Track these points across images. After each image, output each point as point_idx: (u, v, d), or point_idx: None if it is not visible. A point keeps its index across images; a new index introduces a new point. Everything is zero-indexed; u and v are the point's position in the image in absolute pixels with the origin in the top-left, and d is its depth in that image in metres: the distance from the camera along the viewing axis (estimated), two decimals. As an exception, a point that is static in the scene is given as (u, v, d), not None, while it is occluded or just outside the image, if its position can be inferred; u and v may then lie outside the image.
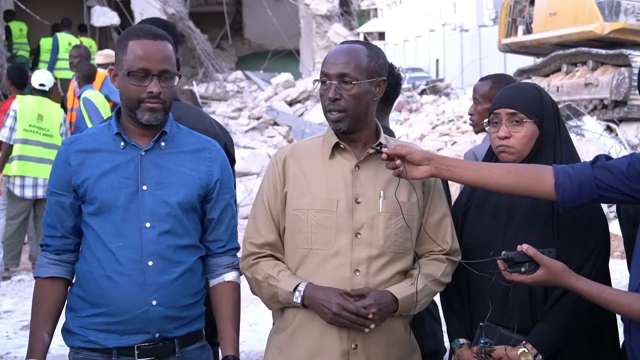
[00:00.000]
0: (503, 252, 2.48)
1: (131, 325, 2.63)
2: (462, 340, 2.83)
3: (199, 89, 17.79)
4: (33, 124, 7.98)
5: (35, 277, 2.73)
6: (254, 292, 2.81)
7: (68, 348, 2.75)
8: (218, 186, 2.78)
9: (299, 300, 2.64)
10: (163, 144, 2.72)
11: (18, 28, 16.90)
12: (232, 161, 3.29)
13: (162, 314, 2.65)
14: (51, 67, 12.95)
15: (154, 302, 2.63)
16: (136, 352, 2.65)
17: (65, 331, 2.72)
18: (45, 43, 14.75)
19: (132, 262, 2.62)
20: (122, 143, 2.68)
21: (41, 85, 8.17)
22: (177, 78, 2.69)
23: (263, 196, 2.77)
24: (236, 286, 2.83)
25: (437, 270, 2.75)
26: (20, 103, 8.00)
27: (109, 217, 2.64)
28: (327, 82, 2.67)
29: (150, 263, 2.63)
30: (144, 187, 2.65)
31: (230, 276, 2.81)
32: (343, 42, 2.79)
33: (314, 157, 2.76)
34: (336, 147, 2.73)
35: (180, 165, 2.72)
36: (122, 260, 2.62)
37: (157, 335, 2.66)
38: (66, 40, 13.36)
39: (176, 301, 2.69)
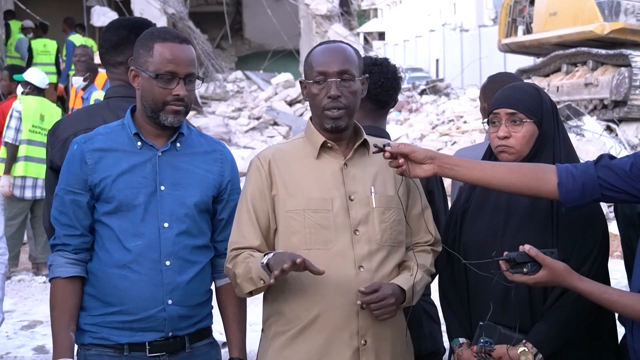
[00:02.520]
0: (505, 253, 2.48)
1: (145, 324, 2.65)
2: (461, 340, 2.84)
3: (198, 89, 17.77)
4: (36, 125, 7.99)
5: (53, 278, 2.69)
6: (232, 282, 2.73)
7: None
8: (229, 187, 2.82)
9: (265, 262, 2.55)
10: (178, 144, 2.73)
11: (18, 27, 16.89)
12: None
13: (176, 313, 2.67)
14: (68, 71, 12.93)
15: (170, 302, 2.65)
16: (147, 347, 2.67)
17: None
18: (37, 45, 14.70)
19: (150, 262, 2.64)
20: (139, 143, 2.69)
21: (46, 84, 8.26)
22: (199, 82, 2.71)
23: (247, 200, 2.73)
24: None
25: (427, 261, 2.80)
26: (23, 104, 8.01)
27: (127, 216, 2.65)
28: (327, 80, 2.67)
29: (167, 263, 2.65)
30: (162, 188, 2.67)
31: None
32: (323, 42, 2.78)
33: (299, 158, 2.75)
34: (323, 146, 2.74)
35: (195, 166, 2.75)
36: (140, 259, 2.63)
37: (169, 333, 2.68)
38: (79, 42, 13.34)
39: (190, 300, 2.71)
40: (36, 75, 8.27)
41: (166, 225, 2.66)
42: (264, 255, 2.60)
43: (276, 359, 2.73)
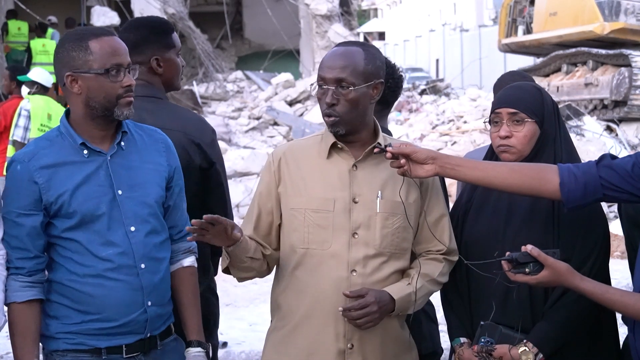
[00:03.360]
0: (507, 253, 2.48)
1: (126, 328, 2.62)
2: (462, 339, 2.84)
3: (199, 89, 17.80)
4: (44, 124, 7.99)
5: (10, 303, 2.60)
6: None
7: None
8: (175, 174, 2.78)
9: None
10: (123, 144, 2.68)
11: (17, 27, 16.86)
12: (210, 164, 3.21)
13: (155, 313, 2.66)
14: None
15: (149, 303, 2.64)
16: (124, 349, 2.64)
17: (43, 337, 2.65)
18: (36, 45, 14.66)
19: (126, 268, 2.60)
20: (86, 151, 2.61)
21: (51, 83, 8.26)
22: (137, 71, 2.67)
23: (256, 195, 2.81)
24: (194, 270, 2.83)
25: (435, 270, 2.75)
26: (32, 103, 8.00)
27: (93, 228, 2.59)
28: (324, 86, 2.66)
29: (142, 266, 2.62)
30: (119, 192, 2.62)
31: (188, 261, 2.82)
32: (340, 44, 2.77)
33: (311, 157, 2.76)
34: (333, 146, 2.73)
35: (144, 162, 2.70)
36: (116, 266, 2.59)
37: (148, 334, 2.67)
38: None
39: (163, 298, 2.71)
40: (41, 74, 8.29)
41: (133, 229, 2.62)
42: None
43: (272, 353, 2.78)
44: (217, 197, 3.25)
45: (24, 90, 8.35)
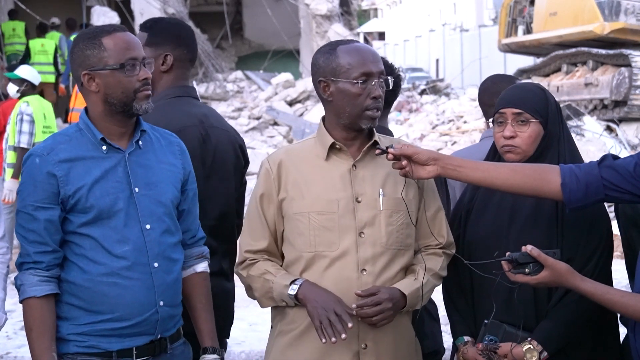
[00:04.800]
0: (507, 253, 2.48)
1: (137, 329, 2.61)
2: (466, 338, 2.83)
3: (199, 89, 17.78)
4: (44, 125, 7.94)
5: (27, 298, 2.58)
6: (247, 291, 2.81)
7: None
8: (189, 178, 2.78)
9: (293, 293, 2.61)
10: (141, 142, 2.68)
11: (11, 28, 16.82)
12: (247, 162, 3.33)
13: (167, 313, 2.65)
14: (69, 71, 12.93)
15: (162, 303, 2.63)
16: (134, 352, 2.63)
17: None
18: (35, 45, 14.64)
19: (140, 266, 2.60)
20: (105, 147, 2.62)
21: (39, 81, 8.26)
22: (152, 65, 2.68)
23: (257, 202, 2.76)
24: (207, 276, 2.83)
25: (436, 264, 2.76)
26: (32, 105, 7.91)
27: (109, 224, 2.59)
28: (374, 80, 2.65)
29: (155, 264, 2.62)
30: (136, 190, 2.62)
31: (201, 267, 2.81)
32: (346, 42, 2.74)
33: (309, 160, 2.74)
34: (332, 147, 2.72)
35: (160, 162, 2.71)
36: (130, 264, 2.59)
37: (158, 336, 2.66)
38: None
39: (175, 299, 2.70)
40: (30, 72, 8.22)
41: (148, 227, 2.62)
42: (291, 283, 2.63)
43: (279, 358, 2.75)
44: (239, 194, 3.34)
45: (12, 87, 8.25)
